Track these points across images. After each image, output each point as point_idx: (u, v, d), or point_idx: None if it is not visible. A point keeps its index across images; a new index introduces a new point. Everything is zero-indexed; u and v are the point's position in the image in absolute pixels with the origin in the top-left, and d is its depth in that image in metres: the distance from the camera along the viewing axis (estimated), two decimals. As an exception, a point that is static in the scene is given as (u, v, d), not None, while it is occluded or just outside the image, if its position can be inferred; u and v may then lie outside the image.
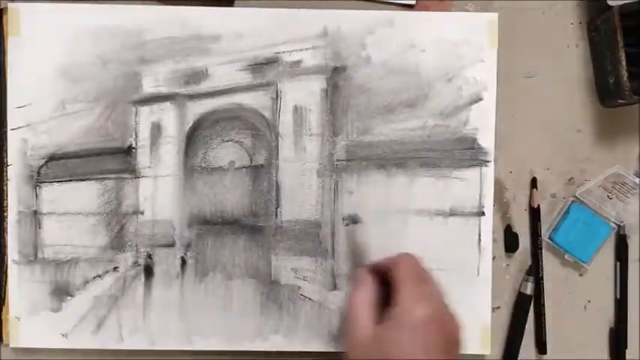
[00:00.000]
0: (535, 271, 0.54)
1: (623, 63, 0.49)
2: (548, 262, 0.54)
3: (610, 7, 0.50)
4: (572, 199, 0.54)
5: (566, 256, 0.54)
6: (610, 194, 0.53)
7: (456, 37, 0.52)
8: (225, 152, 0.52)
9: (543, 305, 0.54)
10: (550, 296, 0.54)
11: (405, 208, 0.53)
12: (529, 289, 0.53)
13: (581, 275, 0.55)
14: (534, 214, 0.54)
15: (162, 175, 0.52)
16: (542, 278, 0.54)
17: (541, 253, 0.54)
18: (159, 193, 0.52)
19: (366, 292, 0.44)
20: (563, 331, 0.54)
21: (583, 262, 0.54)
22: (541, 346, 0.54)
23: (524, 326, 0.54)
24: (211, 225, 0.52)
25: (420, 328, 0.40)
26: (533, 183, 0.54)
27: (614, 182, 0.53)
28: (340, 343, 0.51)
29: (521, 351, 0.54)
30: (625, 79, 0.49)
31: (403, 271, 0.43)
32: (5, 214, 0.52)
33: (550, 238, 0.54)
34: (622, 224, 0.54)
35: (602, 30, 0.52)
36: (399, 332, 0.40)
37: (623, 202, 0.53)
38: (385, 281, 0.45)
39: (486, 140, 0.53)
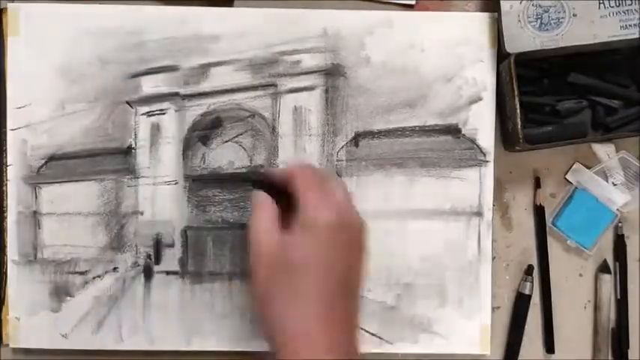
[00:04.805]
0: (541, 269, 0.54)
1: (518, 111, 0.48)
2: (549, 260, 0.54)
3: (509, 55, 0.49)
4: (576, 184, 0.54)
5: (568, 242, 0.54)
6: (615, 180, 0.53)
7: (456, 37, 0.52)
8: (225, 152, 0.52)
9: (550, 305, 0.54)
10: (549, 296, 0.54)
11: (405, 208, 0.53)
12: (528, 289, 0.53)
13: (581, 275, 0.55)
14: (538, 212, 0.54)
15: (161, 176, 0.52)
16: (549, 277, 0.54)
17: (546, 251, 0.54)
18: (158, 194, 0.52)
19: (266, 208, 0.42)
20: (564, 330, 0.54)
21: (585, 247, 0.54)
22: (549, 346, 0.54)
23: (524, 326, 0.54)
24: (211, 225, 0.52)
25: (324, 232, 0.39)
26: (537, 182, 0.54)
27: (620, 167, 0.53)
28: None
29: (523, 351, 0.54)
30: (519, 127, 0.48)
31: (301, 179, 0.42)
32: (5, 214, 0.52)
33: (553, 224, 0.54)
34: (620, 224, 0.54)
35: (503, 77, 0.51)
36: (303, 237, 0.39)
37: (628, 188, 0.53)
38: (286, 195, 0.43)
39: (486, 140, 0.53)
